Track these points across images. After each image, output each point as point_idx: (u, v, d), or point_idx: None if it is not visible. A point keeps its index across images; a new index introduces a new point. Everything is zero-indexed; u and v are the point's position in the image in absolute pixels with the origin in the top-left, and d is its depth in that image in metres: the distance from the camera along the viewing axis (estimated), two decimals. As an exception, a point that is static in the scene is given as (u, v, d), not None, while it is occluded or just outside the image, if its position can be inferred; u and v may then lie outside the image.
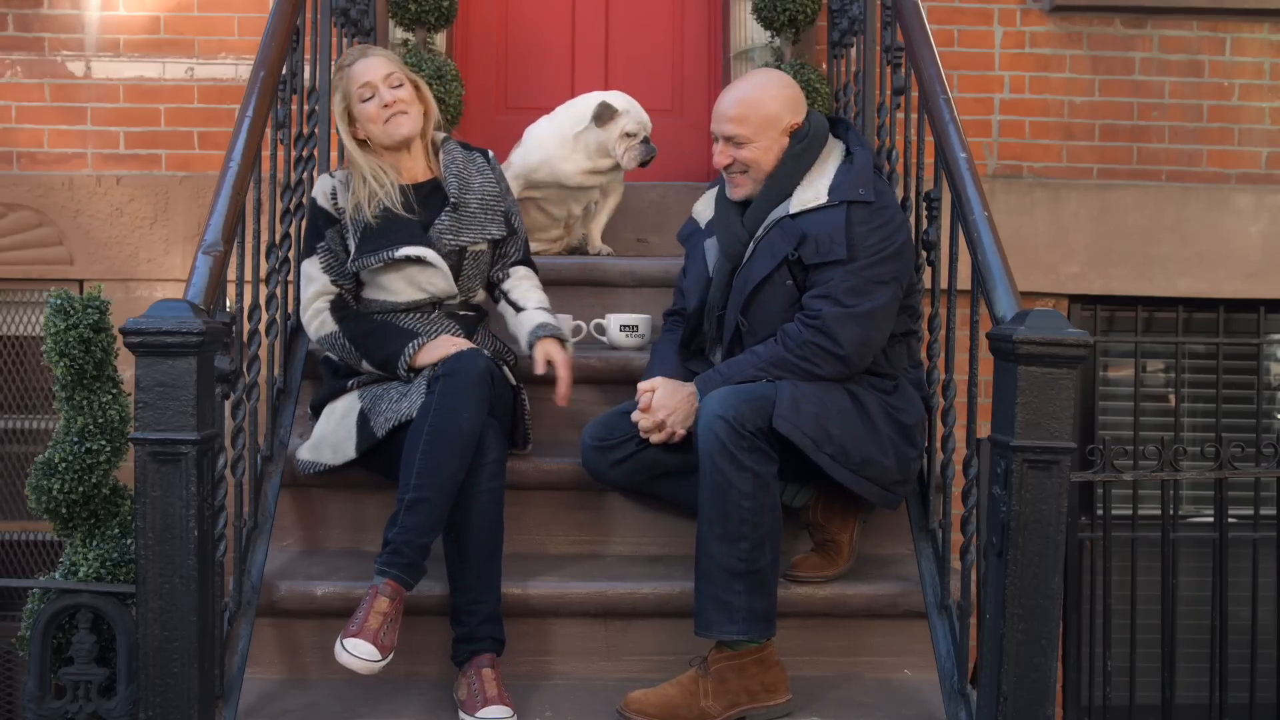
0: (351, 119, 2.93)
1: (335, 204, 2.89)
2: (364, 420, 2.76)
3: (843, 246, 2.59)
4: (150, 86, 4.21)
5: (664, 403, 2.68)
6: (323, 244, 2.87)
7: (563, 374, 2.87)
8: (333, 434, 2.81)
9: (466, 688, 2.53)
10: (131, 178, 4.17)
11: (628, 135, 3.61)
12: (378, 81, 2.88)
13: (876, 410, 2.64)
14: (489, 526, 2.63)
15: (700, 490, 2.54)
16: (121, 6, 4.21)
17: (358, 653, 2.41)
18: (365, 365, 2.82)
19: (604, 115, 3.60)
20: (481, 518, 2.61)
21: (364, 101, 2.89)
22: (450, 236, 2.91)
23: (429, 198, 2.94)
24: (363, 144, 2.93)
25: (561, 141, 3.65)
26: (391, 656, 2.45)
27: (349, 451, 2.77)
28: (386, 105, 2.88)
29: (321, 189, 2.92)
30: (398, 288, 2.87)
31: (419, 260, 2.85)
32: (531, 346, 2.91)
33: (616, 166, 3.68)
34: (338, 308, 2.87)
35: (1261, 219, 4.30)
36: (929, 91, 2.83)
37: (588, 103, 3.67)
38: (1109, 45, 4.35)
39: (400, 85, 2.90)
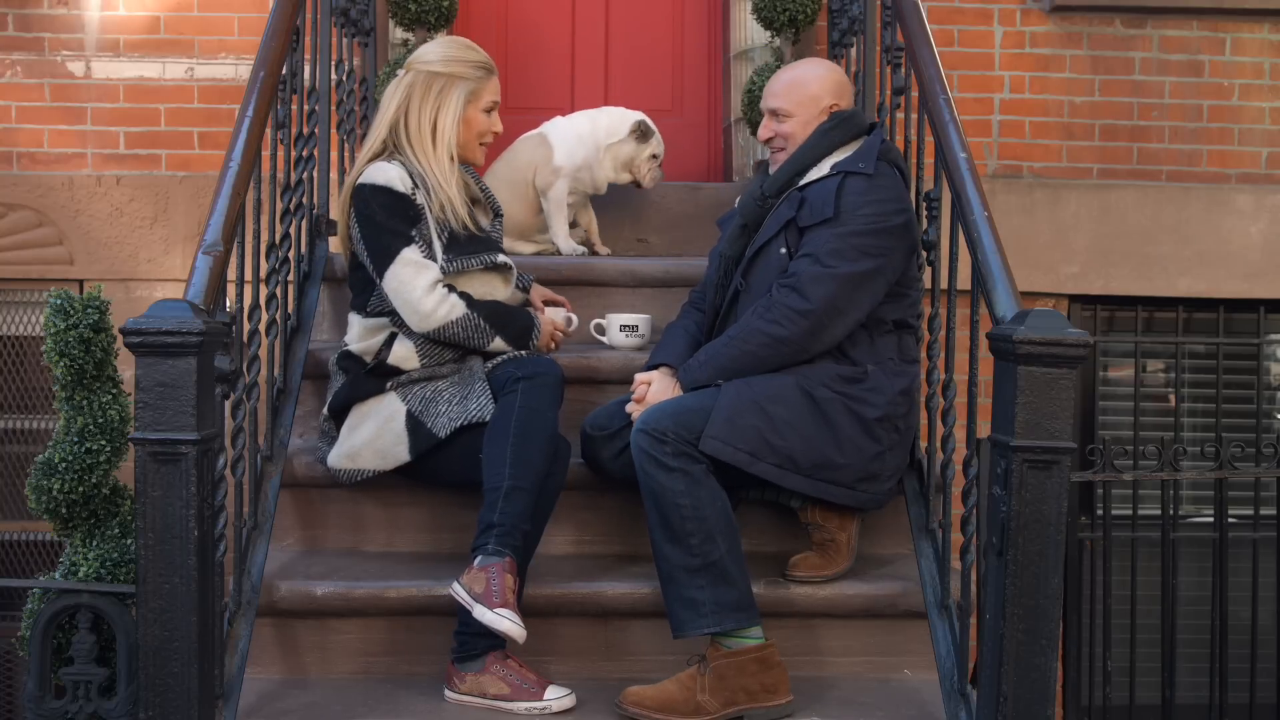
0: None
1: (416, 197, 2.79)
2: (416, 423, 2.75)
3: (831, 207, 2.69)
4: (150, 86, 4.22)
5: (657, 396, 2.73)
6: (415, 232, 2.77)
7: (554, 295, 3.17)
8: (376, 439, 2.78)
9: (502, 682, 2.56)
10: (131, 178, 4.17)
11: (653, 157, 3.79)
12: (497, 105, 2.93)
13: (835, 408, 2.64)
14: (540, 531, 2.71)
15: (644, 501, 2.60)
16: (121, 6, 4.21)
17: (515, 621, 2.46)
18: (494, 343, 2.80)
19: (645, 134, 3.76)
20: (539, 522, 2.70)
21: (486, 112, 2.89)
22: (504, 243, 3.04)
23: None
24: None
25: (595, 149, 3.75)
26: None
27: (402, 455, 2.76)
28: (494, 133, 2.93)
29: (399, 177, 2.77)
30: (467, 293, 2.85)
31: (500, 268, 2.90)
32: (526, 289, 3.11)
33: (632, 184, 3.82)
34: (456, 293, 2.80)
35: (1261, 219, 4.30)
36: (929, 91, 2.82)
37: (623, 117, 3.78)
38: (1109, 45, 4.35)
39: None
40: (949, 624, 2.66)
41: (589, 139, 3.73)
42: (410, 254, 2.75)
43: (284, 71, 2.98)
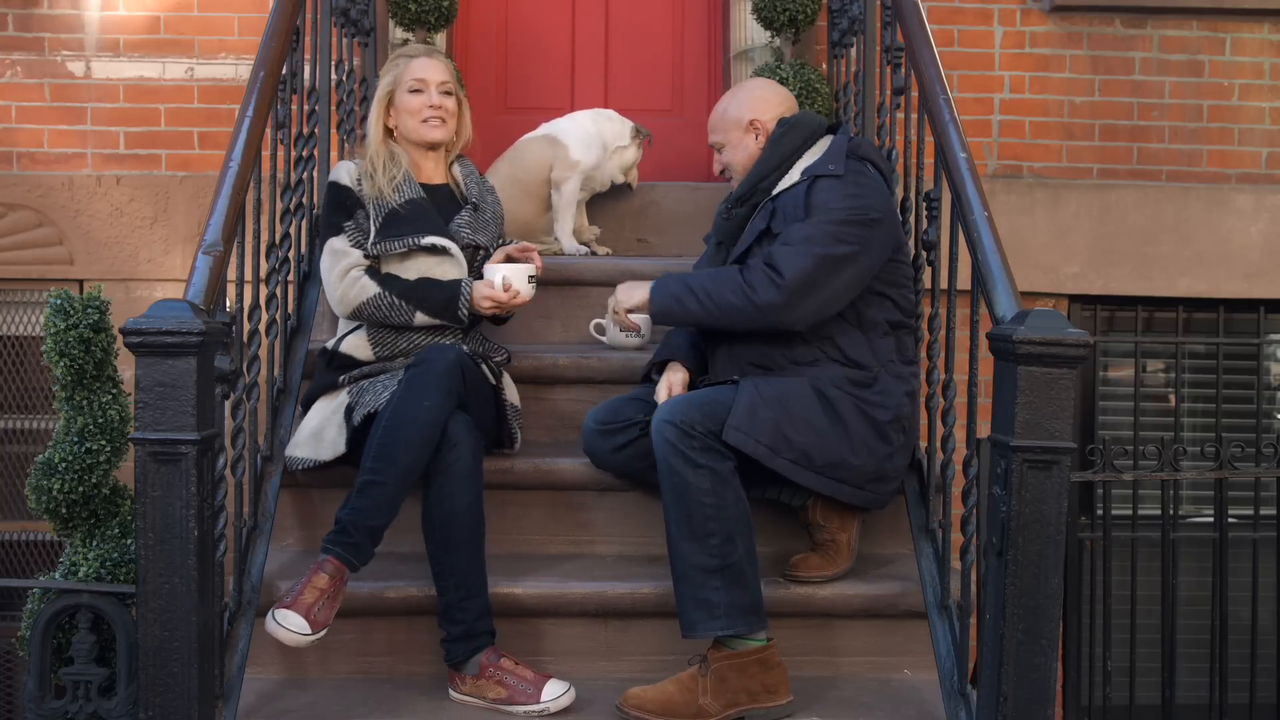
0: (389, 105, 3.01)
1: (359, 189, 2.93)
2: (349, 413, 2.78)
3: (802, 209, 2.70)
4: (150, 86, 4.22)
5: (680, 388, 2.79)
6: (350, 223, 2.90)
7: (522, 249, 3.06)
8: (323, 429, 2.82)
9: (498, 685, 2.56)
10: (131, 178, 4.17)
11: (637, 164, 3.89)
12: (432, 83, 2.99)
13: (848, 409, 2.65)
14: (474, 520, 2.63)
15: (663, 495, 2.58)
16: (121, 6, 4.21)
17: (286, 624, 2.44)
18: (418, 319, 2.84)
19: (644, 142, 3.84)
20: (464, 513, 2.62)
21: (411, 93, 2.98)
22: (468, 232, 2.99)
23: (446, 202, 3.03)
24: (389, 132, 3.03)
25: (604, 149, 3.80)
26: (324, 633, 2.47)
27: (339, 446, 2.78)
28: (432, 107, 2.98)
29: (346, 172, 2.95)
30: (409, 278, 2.89)
31: (438, 251, 2.90)
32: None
33: (621, 186, 3.90)
34: (373, 274, 2.88)
35: (1261, 219, 4.30)
36: (929, 91, 2.82)
37: (622, 123, 3.83)
38: (1109, 45, 4.35)
39: (449, 95, 3.01)
40: (949, 624, 2.66)
41: (597, 140, 3.78)
42: (335, 243, 2.90)
43: (284, 71, 2.98)
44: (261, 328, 2.86)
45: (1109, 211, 4.28)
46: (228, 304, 2.54)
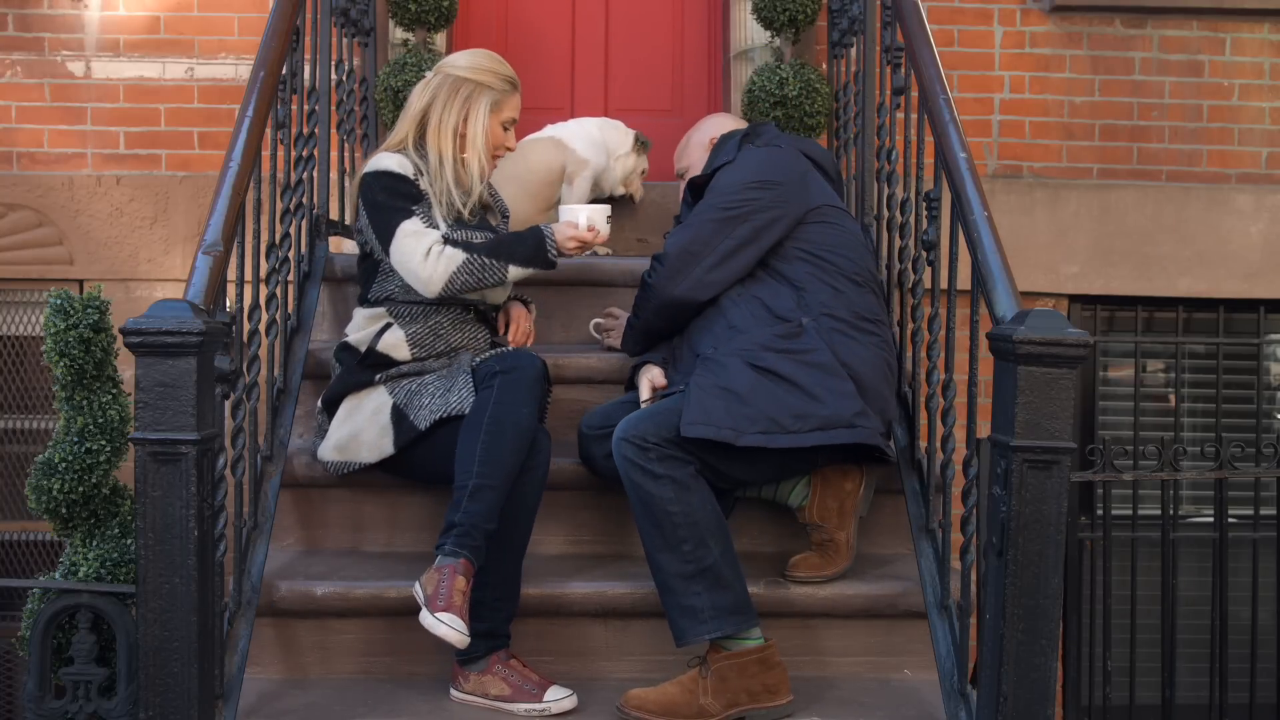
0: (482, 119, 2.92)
1: (418, 182, 2.84)
2: (400, 415, 2.76)
3: (697, 196, 2.95)
4: (150, 86, 4.22)
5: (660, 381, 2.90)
6: (418, 208, 2.81)
7: (523, 325, 3.09)
8: (364, 431, 2.80)
9: (504, 683, 2.58)
10: (131, 178, 4.17)
11: (643, 172, 3.91)
12: (515, 124, 2.99)
13: (785, 366, 2.65)
14: (530, 525, 2.70)
15: (633, 511, 2.61)
16: (121, 6, 4.21)
17: (453, 625, 2.44)
18: (510, 273, 2.79)
19: (645, 146, 3.86)
20: (527, 517, 2.68)
21: (504, 127, 2.95)
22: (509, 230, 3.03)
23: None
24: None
25: (607, 155, 3.82)
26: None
27: (386, 448, 2.77)
28: (508, 147, 2.99)
29: (397, 164, 2.82)
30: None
31: None
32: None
33: (625, 196, 3.91)
34: (453, 243, 2.80)
35: (1261, 219, 4.30)
36: (929, 91, 2.82)
37: (624, 131, 3.85)
38: (1109, 45, 4.35)
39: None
40: (949, 624, 2.65)
41: (600, 145, 3.80)
42: (409, 225, 2.78)
43: (284, 71, 2.98)
44: (261, 328, 2.86)
45: (1109, 211, 4.28)
46: (228, 304, 2.54)
